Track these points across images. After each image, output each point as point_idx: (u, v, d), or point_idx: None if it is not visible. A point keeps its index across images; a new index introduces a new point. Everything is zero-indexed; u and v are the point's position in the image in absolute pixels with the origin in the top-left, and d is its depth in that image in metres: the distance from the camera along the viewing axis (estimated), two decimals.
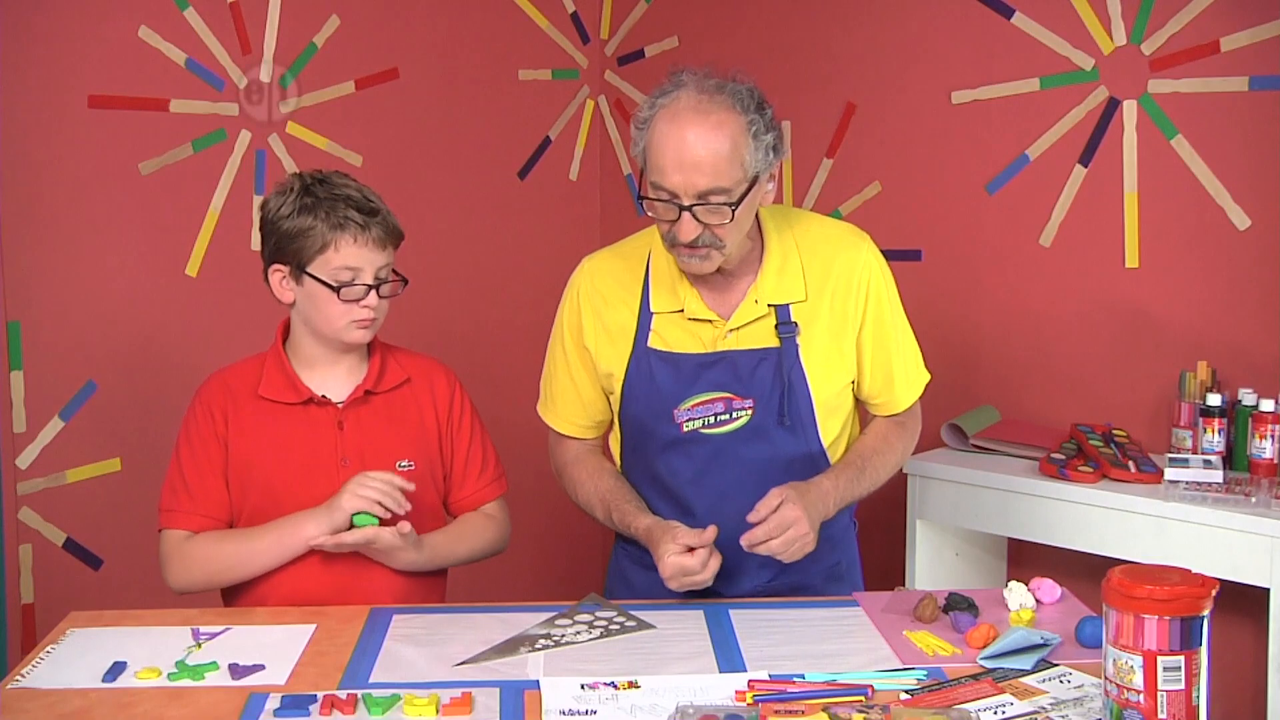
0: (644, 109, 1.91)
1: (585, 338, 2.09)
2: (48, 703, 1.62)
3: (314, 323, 2.07)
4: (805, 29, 3.40)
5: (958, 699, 1.59)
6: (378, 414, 2.10)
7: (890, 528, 2.93)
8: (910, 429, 2.16)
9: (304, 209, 2.01)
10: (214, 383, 2.13)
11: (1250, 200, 2.76)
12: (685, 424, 2.01)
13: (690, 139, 1.83)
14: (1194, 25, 2.79)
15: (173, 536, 2.08)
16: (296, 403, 2.08)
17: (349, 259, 2.01)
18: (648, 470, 2.07)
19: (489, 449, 2.22)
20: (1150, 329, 2.90)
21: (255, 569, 2.03)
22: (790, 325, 2.00)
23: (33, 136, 2.84)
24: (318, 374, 2.10)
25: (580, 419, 2.15)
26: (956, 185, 3.18)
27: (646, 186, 1.91)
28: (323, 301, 2.03)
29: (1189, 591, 1.41)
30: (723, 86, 1.87)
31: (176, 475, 2.09)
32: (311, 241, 2.01)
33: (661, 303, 2.03)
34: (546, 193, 3.82)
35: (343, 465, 2.06)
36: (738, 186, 1.86)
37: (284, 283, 2.06)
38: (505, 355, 3.64)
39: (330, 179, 2.05)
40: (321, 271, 2.02)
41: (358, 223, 2.01)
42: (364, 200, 2.03)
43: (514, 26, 3.69)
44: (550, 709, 1.57)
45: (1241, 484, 2.55)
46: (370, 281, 2.03)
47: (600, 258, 2.14)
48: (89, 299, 2.94)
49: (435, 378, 2.18)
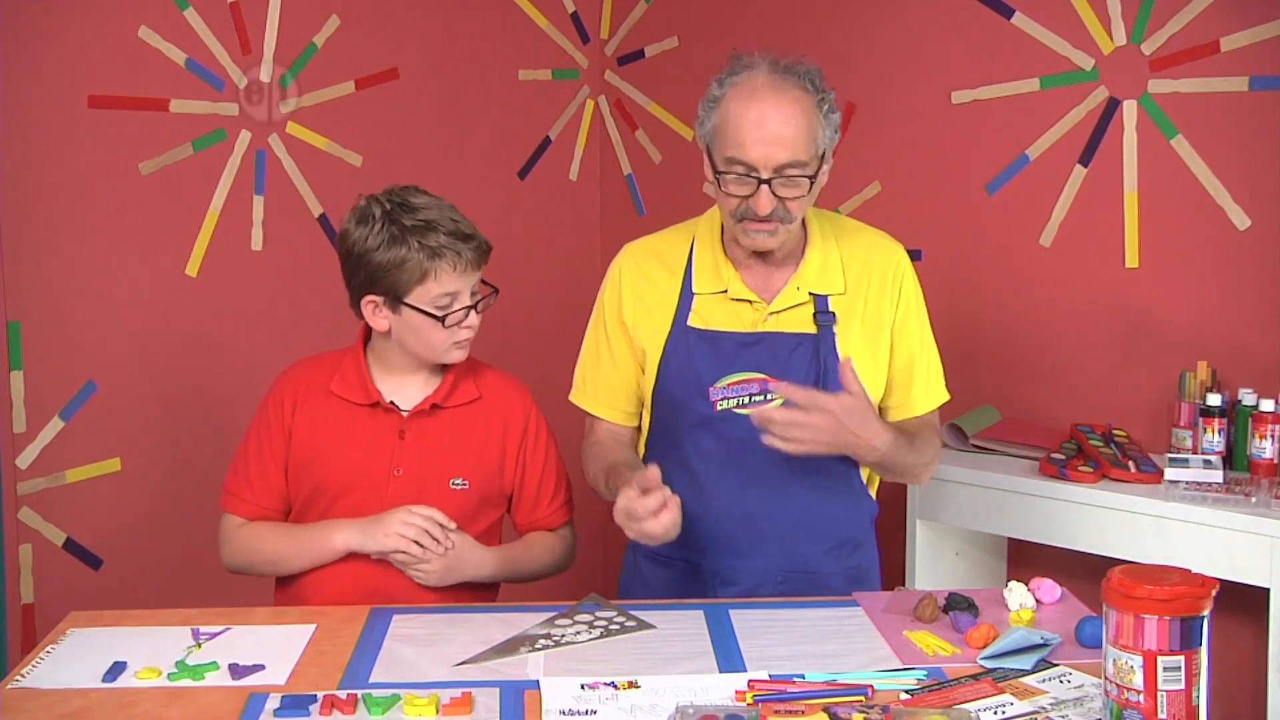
0: (714, 89, 1.96)
1: (625, 313, 2.10)
2: (48, 703, 1.62)
3: (412, 347, 2.06)
4: (805, 29, 3.40)
5: (958, 699, 1.59)
6: (441, 428, 2.10)
7: (890, 528, 2.92)
8: (937, 437, 2.16)
9: (394, 239, 1.98)
10: (293, 371, 2.15)
11: (1250, 200, 2.76)
12: (719, 403, 2.02)
13: (770, 114, 1.90)
14: (1194, 25, 2.79)
15: (230, 520, 2.12)
16: (364, 404, 2.08)
17: (448, 286, 2.00)
18: (674, 451, 2.07)
19: (562, 473, 2.22)
20: (1150, 329, 2.90)
21: (293, 569, 2.08)
22: (828, 315, 2.04)
23: (33, 136, 2.84)
24: (393, 381, 2.11)
25: (619, 401, 2.14)
26: (956, 185, 3.18)
27: (719, 161, 1.94)
28: (425, 330, 2.03)
29: (1189, 591, 1.41)
30: (792, 68, 1.94)
31: (242, 460, 2.12)
32: (409, 273, 1.99)
33: (704, 284, 2.06)
34: (546, 193, 3.82)
35: (395, 475, 2.06)
36: (812, 161, 1.93)
37: (378, 312, 2.05)
38: (505, 355, 3.62)
39: (409, 201, 2.02)
40: (421, 301, 2.01)
41: (454, 250, 1.99)
42: (453, 224, 2.01)
43: (514, 26, 3.70)
44: (550, 709, 1.57)
45: (1241, 484, 2.55)
46: (469, 302, 2.04)
47: (642, 241, 2.17)
48: (89, 299, 2.95)
49: (510, 398, 2.16)
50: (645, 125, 3.80)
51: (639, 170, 3.85)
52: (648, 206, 3.82)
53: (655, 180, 3.79)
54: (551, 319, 3.68)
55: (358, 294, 2.05)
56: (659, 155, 3.77)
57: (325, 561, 2.04)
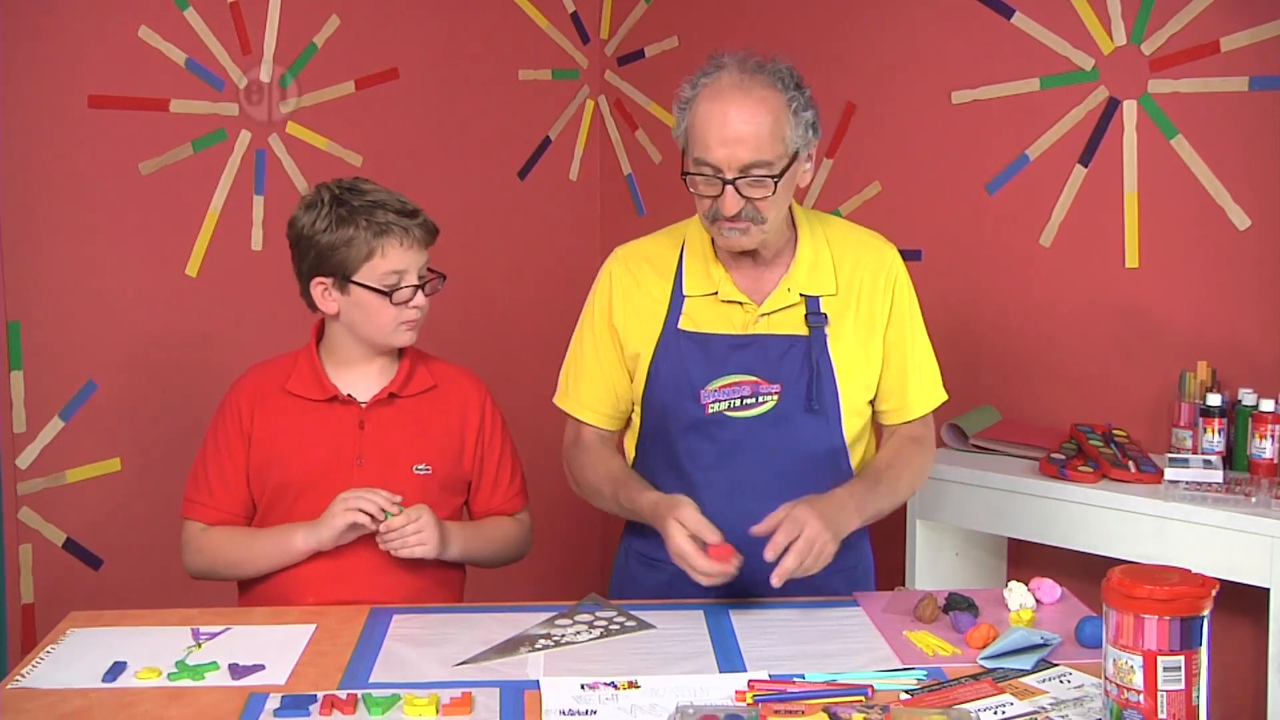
0: (685, 90, 1.96)
1: (614, 317, 2.10)
2: (48, 703, 1.62)
3: (361, 329, 2.10)
4: (805, 29, 3.40)
5: (958, 699, 1.59)
6: (400, 417, 2.12)
7: (890, 528, 2.92)
8: (926, 445, 2.15)
9: (341, 220, 2.04)
10: (248, 377, 2.17)
11: (1250, 200, 2.76)
12: (711, 405, 2.02)
13: (733, 114, 1.88)
14: (1194, 25, 2.79)
15: (191, 526, 2.14)
16: (321, 400, 2.11)
17: (395, 262, 2.05)
18: (666, 454, 2.07)
19: (517, 462, 2.25)
20: (1150, 329, 2.90)
21: (256, 571, 2.10)
22: (820, 316, 2.03)
23: (33, 136, 2.84)
24: (348, 374, 2.13)
25: (604, 405, 2.14)
26: (956, 185, 3.18)
27: (689, 162, 1.94)
28: (373, 308, 2.06)
29: (1189, 591, 1.41)
30: (763, 66, 1.93)
31: (200, 467, 2.15)
32: (356, 250, 2.03)
33: (695, 286, 2.05)
34: (546, 193, 3.82)
35: (358, 464, 2.08)
36: (779, 161, 1.91)
37: (327, 294, 2.08)
38: (505, 355, 3.64)
39: (357, 186, 2.08)
40: (369, 278, 2.04)
41: (401, 226, 2.04)
42: (400, 203, 2.06)
43: (514, 26, 3.69)
44: (550, 709, 1.58)
45: (1241, 484, 2.54)
46: (416, 282, 2.07)
47: (632, 244, 2.17)
48: (89, 299, 2.95)
49: (466, 388, 2.20)
50: (645, 125, 3.80)
51: (639, 170, 3.85)
52: (648, 206, 3.82)
53: (655, 180, 3.79)
54: (551, 319, 3.67)
55: (307, 278, 2.09)
56: (659, 155, 3.77)
57: (287, 564, 2.07)
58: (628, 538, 2.19)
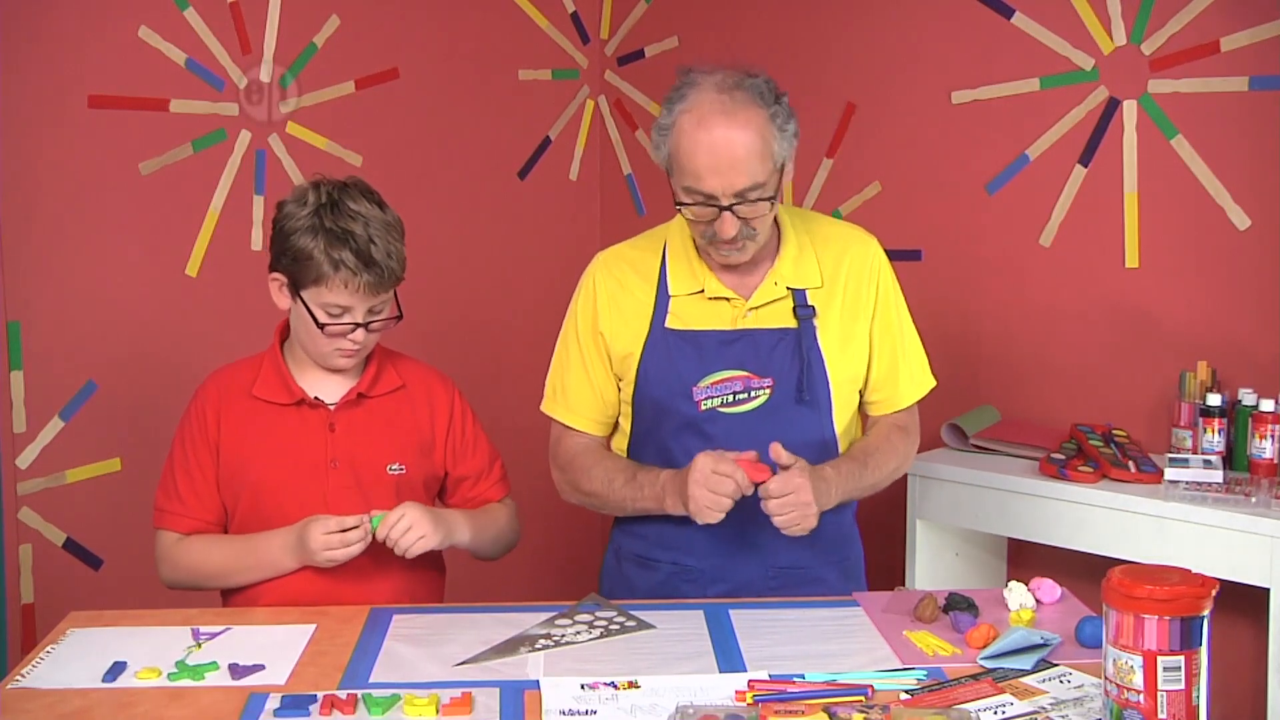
0: (664, 116, 1.92)
1: (600, 323, 2.09)
2: (48, 703, 1.62)
3: (301, 339, 2.07)
4: (805, 29, 3.40)
5: (958, 699, 1.59)
6: (370, 417, 2.10)
7: (890, 528, 2.93)
8: (911, 434, 2.17)
9: (311, 230, 1.97)
10: (211, 384, 2.13)
11: (1250, 200, 2.76)
12: (703, 402, 2.02)
13: (721, 141, 1.85)
14: (1194, 25, 2.79)
15: (166, 537, 2.10)
16: (289, 403, 2.07)
17: (339, 298, 1.98)
18: (660, 455, 2.07)
19: (494, 450, 2.23)
20: (1150, 329, 2.90)
21: (239, 583, 2.06)
22: (808, 308, 2.03)
23: (33, 136, 2.84)
24: (314, 375, 2.10)
25: (592, 411, 2.13)
26: (956, 185, 3.18)
27: (679, 192, 1.92)
28: (310, 329, 2.02)
29: (1189, 591, 1.41)
30: (740, 83, 1.89)
31: (169, 477, 2.11)
32: (308, 270, 1.97)
33: (680, 285, 2.05)
34: (546, 193, 3.82)
35: (332, 466, 2.06)
36: (771, 179, 1.90)
37: (282, 291, 2.05)
38: (505, 356, 3.65)
39: (343, 202, 1.98)
40: (312, 301, 1.99)
41: (350, 268, 1.95)
42: (366, 244, 1.96)
43: (514, 26, 3.69)
44: (550, 709, 1.57)
45: (1241, 484, 2.54)
46: (360, 320, 2.00)
47: (614, 249, 2.16)
48: (89, 299, 2.95)
49: (434, 387, 2.17)
50: (645, 125, 3.80)
51: (639, 170, 3.85)
52: (648, 206, 3.82)
53: (655, 180, 3.79)
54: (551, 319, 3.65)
55: (271, 267, 2.05)
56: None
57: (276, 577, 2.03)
58: (617, 539, 2.19)
